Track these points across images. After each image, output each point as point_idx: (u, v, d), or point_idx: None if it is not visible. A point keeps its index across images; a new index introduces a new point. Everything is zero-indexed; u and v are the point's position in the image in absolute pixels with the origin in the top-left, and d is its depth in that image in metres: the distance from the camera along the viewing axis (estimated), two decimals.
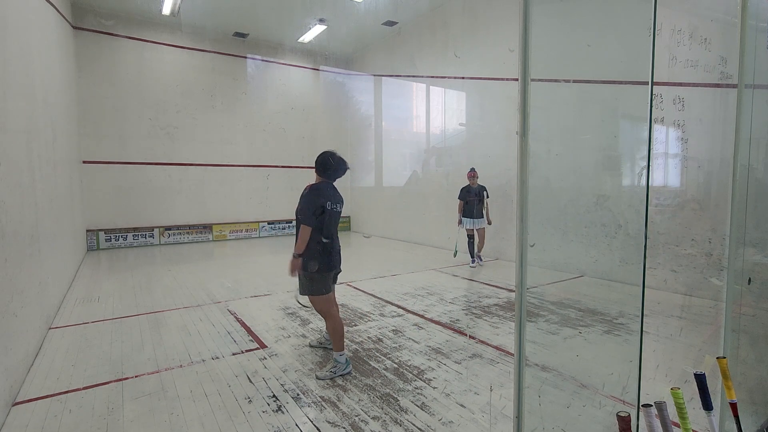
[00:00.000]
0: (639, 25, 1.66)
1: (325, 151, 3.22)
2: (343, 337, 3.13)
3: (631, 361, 1.59)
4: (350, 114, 12.91)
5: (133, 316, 4.55)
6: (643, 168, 1.72)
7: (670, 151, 4.76)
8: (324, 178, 3.19)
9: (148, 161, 10.02)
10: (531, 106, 1.39)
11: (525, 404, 1.51)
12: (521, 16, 1.36)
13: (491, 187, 7.77)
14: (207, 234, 10.83)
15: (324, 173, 3.18)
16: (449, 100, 9.24)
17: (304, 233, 2.97)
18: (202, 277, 6.52)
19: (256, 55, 11.31)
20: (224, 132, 10.99)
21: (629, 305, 4.16)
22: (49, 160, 4.79)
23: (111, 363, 3.35)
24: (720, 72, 3.91)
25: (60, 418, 2.56)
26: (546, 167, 1.59)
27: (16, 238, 3.03)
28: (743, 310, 2.01)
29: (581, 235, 2.16)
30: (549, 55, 1.57)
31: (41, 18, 5.00)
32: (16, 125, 3.29)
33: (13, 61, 3.37)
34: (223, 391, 2.87)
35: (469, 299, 5.11)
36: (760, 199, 2.12)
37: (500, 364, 3.27)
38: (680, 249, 4.85)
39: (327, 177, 3.20)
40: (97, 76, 9.31)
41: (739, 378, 2.02)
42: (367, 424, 2.46)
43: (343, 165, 3.21)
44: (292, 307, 4.85)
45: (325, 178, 3.20)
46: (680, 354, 3.50)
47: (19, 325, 3.04)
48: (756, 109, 1.93)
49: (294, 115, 11.99)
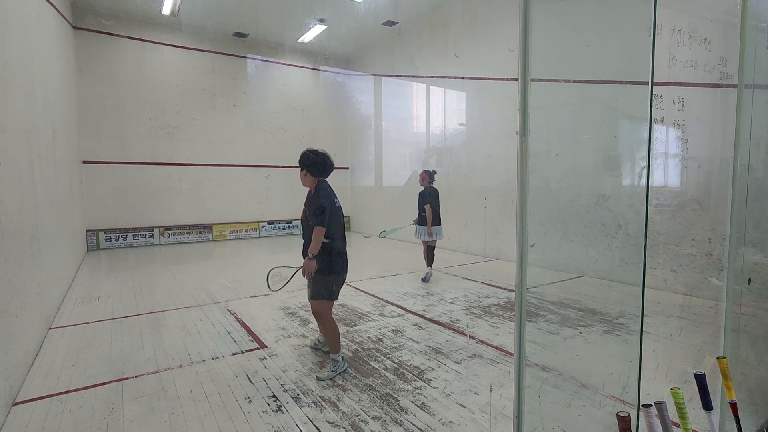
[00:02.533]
0: (639, 25, 1.66)
1: (311, 150, 3.13)
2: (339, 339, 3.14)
3: (631, 361, 1.59)
4: (350, 114, 12.91)
5: (133, 316, 4.55)
6: (643, 168, 1.72)
7: (670, 151, 4.76)
8: (321, 177, 3.15)
9: (148, 161, 10.02)
10: (531, 106, 1.39)
11: (525, 404, 1.51)
12: (521, 16, 1.36)
13: (491, 187, 7.77)
14: (207, 234, 10.83)
15: (323, 172, 3.14)
16: (449, 100, 9.24)
17: (318, 235, 2.94)
18: (202, 277, 6.52)
19: (256, 55, 11.31)
20: (224, 132, 10.99)
21: (629, 305, 4.16)
22: (49, 160, 4.79)
23: (111, 363, 3.35)
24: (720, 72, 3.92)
25: (60, 418, 2.56)
26: (546, 167, 1.59)
27: (15, 238, 3.03)
28: (743, 310, 2.01)
29: (581, 235, 2.16)
30: (549, 55, 1.57)
31: (41, 18, 5.00)
32: (16, 125, 3.29)
33: (13, 61, 3.37)
34: (223, 391, 2.87)
35: (469, 299, 5.11)
36: (760, 199, 2.12)
37: (500, 364, 3.27)
38: (680, 249, 4.85)
39: (323, 175, 3.15)
40: (97, 76, 9.31)
41: (739, 378, 2.02)
42: (367, 424, 2.46)
43: (331, 160, 3.18)
44: (292, 307, 4.85)
45: (321, 177, 3.15)
46: (680, 354, 3.50)
47: (19, 325, 3.04)
48: (756, 109, 1.93)
49: (294, 115, 11.99)
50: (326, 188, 3.13)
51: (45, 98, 4.77)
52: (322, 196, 3.03)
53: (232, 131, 11.09)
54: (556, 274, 2.33)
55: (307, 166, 3.10)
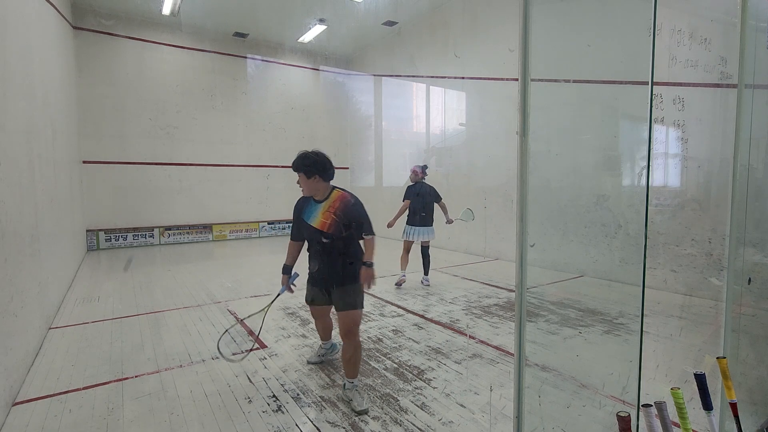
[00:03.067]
0: (639, 25, 1.66)
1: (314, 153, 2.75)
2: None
3: (631, 361, 1.59)
4: (350, 114, 12.91)
5: (133, 316, 4.55)
6: (643, 168, 1.72)
7: (670, 151, 4.76)
8: (329, 179, 2.80)
9: (148, 161, 10.02)
10: (531, 106, 1.39)
11: (525, 404, 1.51)
12: (521, 16, 1.36)
13: (491, 187, 7.77)
14: (207, 234, 10.83)
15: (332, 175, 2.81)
16: (449, 100, 9.24)
17: (373, 243, 2.76)
18: (202, 277, 6.52)
19: (256, 55, 11.31)
20: (224, 132, 10.99)
21: (629, 305, 4.16)
22: (49, 160, 4.79)
23: (111, 363, 3.35)
24: (720, 72, 3.92)
25: (60, 418, 2.56)
26: (546, 167, 1.59)
27: (15, 238, 3.03)
28: (743, 310, 2.01)
29: (581, 235, 2.16)
30: (549, 55, 1.57)
31: (41, 18, 5.00)
32: (16, 125, 3.29)
33: (13, 61, 3.37)
34: (223, 391, 2.87)
35: (469, 299, 5.11)
36: (760, 199, 2.11)
37: (500, 364, 3.27)
38: (680, 249, 4.85)
39: (330, 178, 2.81)
40: (97, 76, 9.31)
41: (739, 378, 2.02)
42: (367, 424, 2.46)
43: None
44: (292, 307, 4.85)
45: (329, 179, 2.80)
46: (680, 354, 3.50)
47: (19, 325, 3.04)
48: (756, 109, 1.92)
49: (294, 115, 11.99)
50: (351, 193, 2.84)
51: (45, 98, 4.77)
52: (361, 205, 2.77)
53: (232, 131, 11.10)
54: (556, 274, 2.33)
55: (320, 171, 2.71)
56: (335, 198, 2.76)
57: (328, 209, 2.73)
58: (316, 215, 2.75)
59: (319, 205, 2.77)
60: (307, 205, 2.84)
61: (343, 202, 2.74)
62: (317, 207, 2.77)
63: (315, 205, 2.79)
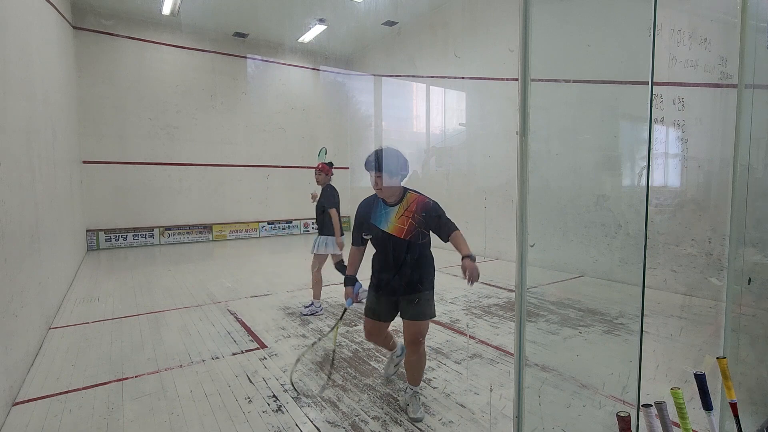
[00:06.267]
0: (639, 25, 1.66)
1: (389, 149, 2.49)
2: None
3: (631, 361, 1.59)
4: (350, 114, 12.91)
5: (133, 316, 4.55)
6: (643, 168, 1.72)
7: (670, 151, 4.76)
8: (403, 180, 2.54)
9: (148, 161, 10.03)
10: (531, 106, 1.39)
11: (525, 404, 1.51)
12: (521, 16, 1.36)
13: (491, 187, 7.77)
14: (207, 234, 10.83)
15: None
16: (449, 100, 9.24)
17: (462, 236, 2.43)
18: (202, 277, 6.52)
19: (256, 55, 11.32)
20: (224, 132, 10.99)
21: (629, 305, 4.16)
22: (49, 160, 4.79)
23: (111, 363, 3.35)
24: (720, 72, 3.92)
25: (60, 418, 2.56)
26: (546, 167, 1.59)
27: (16, 238, 3.03)
28: (743, 310, 2.01)
29: (581, 235, 2.16)
30: (549, 55, 1.57)
31: (41, 18, 5.00)
32: (16, 125, 3.29)
33: (13, 61, 3.37)
34: (223, 391, 2.87)
35: (469, 299, 5.11)
36: (760, 199, 2.11)
37: (500, 364, 3.27)
38: (680, 249, 4.85)
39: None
40: (97, 76, 9.31)
41: (739, 378, 2.01)
42: (367, 424, 2.46)
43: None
44: (292, 307, 4.85)
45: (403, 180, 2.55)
46: (680, 354, 3.50)
47: (19, 325, 3.04)
48: (756, 109, 1.92)
49: (294, 115, 11.99)
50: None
51: (45, 98, 4.77)
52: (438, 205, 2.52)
53: (232, 131, 11.10)
54: (556, 274, 2.33)
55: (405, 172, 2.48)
56: (411, 201, 2.47)
57: (404, 213, 2.45)
58: (389, 220, 2.47)
59: (391, 208, 2.48)
60: (375, 208, 2.53)
61: (421, 205, 2.46)
62: (390, 211, 2.48)
63: (387, 208, 2.49)
